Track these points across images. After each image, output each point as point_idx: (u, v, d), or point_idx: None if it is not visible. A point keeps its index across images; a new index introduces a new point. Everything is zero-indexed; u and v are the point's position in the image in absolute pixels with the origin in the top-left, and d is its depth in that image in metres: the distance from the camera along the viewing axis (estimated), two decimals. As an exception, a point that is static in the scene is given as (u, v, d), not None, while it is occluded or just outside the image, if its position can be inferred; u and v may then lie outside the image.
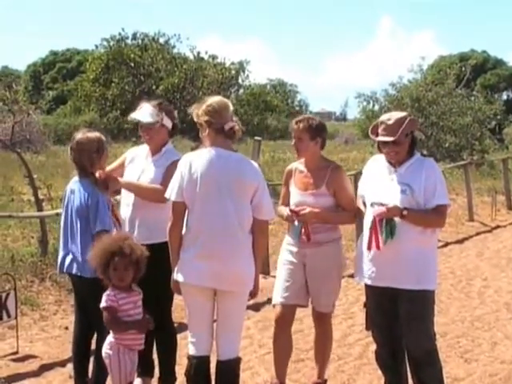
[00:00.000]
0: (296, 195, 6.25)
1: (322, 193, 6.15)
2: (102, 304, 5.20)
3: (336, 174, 6.22)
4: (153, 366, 6.53)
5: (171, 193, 5.38)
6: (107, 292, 5.23)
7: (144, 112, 6.36)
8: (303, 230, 6.09)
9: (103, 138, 6.20)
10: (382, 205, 5.53)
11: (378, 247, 5.60)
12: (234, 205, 5.31)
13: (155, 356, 6.51)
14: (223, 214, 5.29)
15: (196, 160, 5.35)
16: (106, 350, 5.28)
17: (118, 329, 5.21)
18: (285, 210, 6.23)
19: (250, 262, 5.42)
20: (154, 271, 5.64)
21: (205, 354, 5.49)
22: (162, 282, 5.79)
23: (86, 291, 6.04)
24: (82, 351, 6.18)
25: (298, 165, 6.38)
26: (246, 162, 5.51)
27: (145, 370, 6.38)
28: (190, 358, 5.51)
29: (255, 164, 5.56)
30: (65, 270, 6.12)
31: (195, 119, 5.50)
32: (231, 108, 5.50)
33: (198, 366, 5.45)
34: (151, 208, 6.18)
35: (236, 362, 5.48)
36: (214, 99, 5.52)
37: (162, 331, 6.17)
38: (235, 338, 5.53)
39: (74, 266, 6.01)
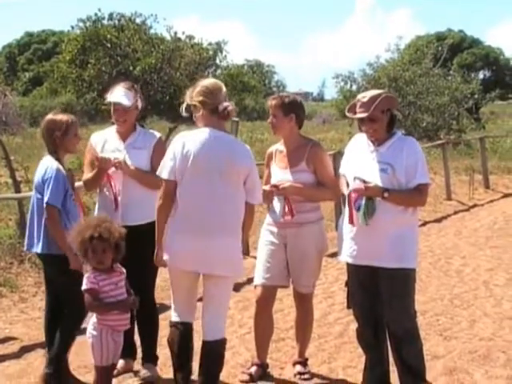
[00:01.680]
0: (277, 173, 6.26)
1: (301, 169, 6.17)
2: (83, 287, 5.20)
3: (315, 150, 6.25)
4: (135, 348, 6.54)
5: (162, 171, 5.38)
6: (87, 274, 5.22)
7: (121, 94, 6.34)
8: (286, 208, 6.09)
9: (73, 121, 6.10)
10: (364, 182, 5.53)
11: (351, 222, 5.63)
12: (225, 186, 5.31)
13: (137, 338, 6.51)
14: (213, 195, 5.30)
15: (189, 140, 5.35)
16: (89, 330, 5.28)
17: (101, 311, 5.21)
18: (265, 187, 6.25)
19: (239, 246, 5.44)
20: (140, 252, 5.74)
21: (188, 321, 5.52)
22: (147, 263, 5.79)
23: (50, 269, 6.09)
24: (54, 330, 6.16)
25: (279, 146, 6.40)
26: (240, 145, 5.54)
27: (127, 351, 6.36)
28: (173, 324, 5.53)
29: (248, 147, 5.56)
30: (31, 249, 6.15)
31: (188, 101, 5.50)
32: (224, 89, 5.50)
33: (181, 331, 5.48)
34: (140, 189, 6.20)
35: (221, 342, 5.48)
36: (208, 80, 5.58)
37: (144, 311, 6.16)
38: (221, 318, 5.52)
39: (35, 243, 6.04)
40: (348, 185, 5.78)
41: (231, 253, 5.38)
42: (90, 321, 5.31)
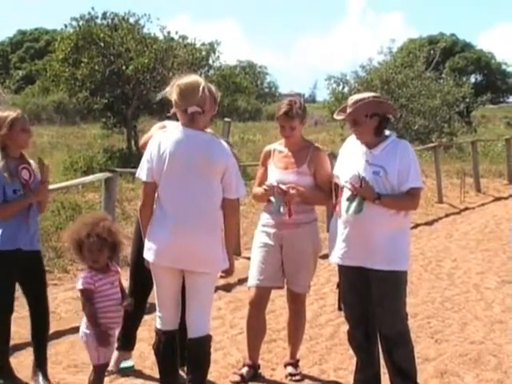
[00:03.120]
0: (276, 174, 6.25)
1: (303, 171, 6.17)
2: (79, 286, 5.19)
3: (317, 153, 6.28)
4: (134, 342, 6.57)
5: (141, 173, 5.36)
6: (83, 274, 5.21)
7: None
8: (285, 207, 6.08)
9: (17, 116, 5.98)
10: (364, 180, 5.53)
11: (334, 208, 5.72)
12: (202, 184, 5.29)
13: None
14: (191, 193, 5.27)
15: (165, 140, 5.33)
16: (82, 329, 5.27)
17: (90, 316, 5.19)
18: (259, 189, 6.25)
19: (219, 242, 5.41)
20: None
21: (172, 328, 5.50)
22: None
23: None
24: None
25: (277, 146, 6.39)
26: (215, 142, 5.46)
27: (126, 344, 6.45)
28: (157, 332, 5.53)
29: (225, 144, 5.52)
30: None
31: (168, 96, 5.46)
32: (200, 90, 5.32)
33: (166, 339, 5.47)
34: None
35: (206, 339, 5.47)
36: (185, 79, 5.44)
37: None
38: (204, 315, 5.50)
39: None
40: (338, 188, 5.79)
41: (211, 249, 5.35)
42: (83, 320, 5.30)
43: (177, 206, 5.29)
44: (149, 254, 5.37)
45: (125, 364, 6.48)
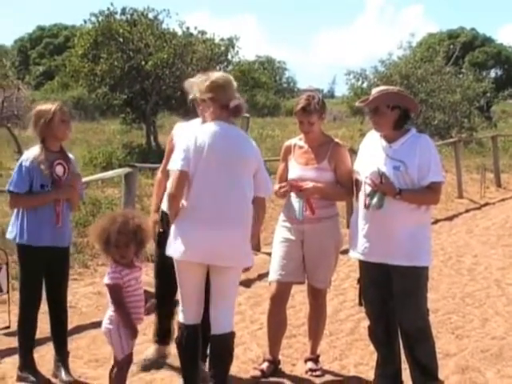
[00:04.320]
0: (296, 170, 6.23)
1: (323, 167, 6.15)
2: (107, 281, 5.21)
3: (338, 149, 6.24)
4: (169, 335, 6.55)
5: (176, 162, 5.29)
6: (110, 269, 5.23)
7: None
8: (306, 206, 6.07)
9: (57, 108, 6.06)
10: (384, 175, 5.51)
11: (366, 206, 5.65)
12: (237, 177, 5.30)
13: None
14: (227, 186, 5.27)
15: (201, 133, 5.29)
16: (105, 324, 5.29)
17: (120, 310, 5.21)
18: (276, 186, 6.24)
19: (249, 238, 5.42)
20: None
21: (195, 323, 5.50)
22: None
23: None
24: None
25: (297, 141, 6.37)
26: (248, 139, 5.52)
27: (162, 338, 6.54)
28: (180, 326, 5.54)
29: (254, 142, 5.55)
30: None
31: (197, 95, 5.44)
32: (235, 84, 5.44)
33: (189, 334, 5.48)
34: None
35: (230, 335, 5.48)
36: (218, 75, 5.48)
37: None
38: (229, 312, 5.52)
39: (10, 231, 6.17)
40: (360, 182, 5.77)
41: (242, 244, 5.36)
42: (106, 314, 5.32)
43: (212, 198, 5.25)
44: (177, 251, 5.32)
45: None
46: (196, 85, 5.44)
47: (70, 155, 6.27)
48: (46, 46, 70.60)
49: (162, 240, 5.98)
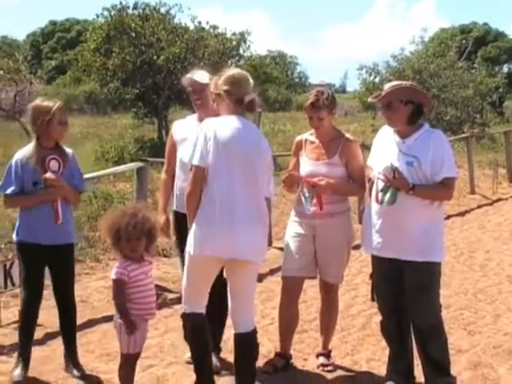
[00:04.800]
0: (308, 165, 6.21)
1: (334, 162, 6.12)
2: (112, 276, 5.21)
3: (349, 144, 6.20)
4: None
5: (194, 157, 5.23)
6: (117, 264, 5.23)
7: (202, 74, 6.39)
8: (315, 200, 6.06)
9: (57, 108, 5.90)
10: (397, 170, 5.49)
11: (377, 201, 5.65)
12: (255, 173, 5.29)
13: None
14: (247, 181, 5.25)
15: (220, 127, 5.24)
16: (116, 318, 5.29)
17: (120, 306, 5.21)
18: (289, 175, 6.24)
19: (266, 233, 5.43)
20: None
21: (201, 311, 5.46)
22: None
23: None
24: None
25: (308, 136, 6.35)
26: (262, 136, 5.53)
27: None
28: (187, 316, 5.49)
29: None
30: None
31: (212, 89, 5.45)
32: (251, 80, 5.45)
33: (197, 321, 5.45)
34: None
35: (254, 332, 5.48)
36: (235, 70, 5.52)
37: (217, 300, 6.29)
38: (251, 309, 5.53)
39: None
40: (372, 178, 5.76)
41: (261, 238, 5.37)
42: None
43: (232, 193, 5.21)
44: (199, 246, 5.24)
45: None
46: (213, 80, 5.48)
47: (69, 150, 6.16)
48: (59, 41, 70.67)
49: (181, 238, 5.99)
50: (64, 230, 6.03)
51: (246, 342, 5.43)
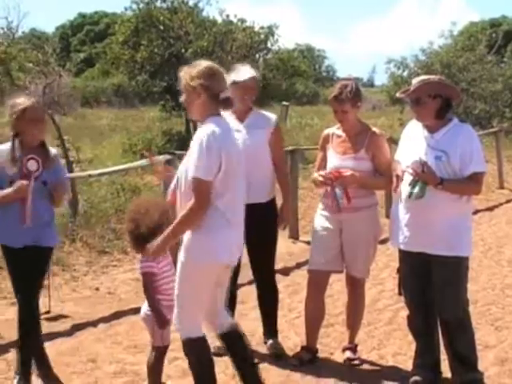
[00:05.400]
0: (334, 159, 6.20)
1: (361, 156, 6.10)
2: (143, 270, 5.22)
3: (375, 138, 6.18)
4: None
5: (201, 171, 4.81)
6: (144, 257, 5.23)
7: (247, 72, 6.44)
8: (343, 195, 6.04)
9: (29, 106, 5.61)
10: (426, 164, 5.46)
11: (395, 190, 5.70)
12: (243, 178, 5.14)
13: None
14: (242, 188, 5.11)
15: (217, 135, 4.85)
16: (145, 311, 5.31)
17: (153, 297, 5.22)
18: (316, 175, 6.21)
19: None
20: (263, 230, 6.28)
21: (204, 334, 5.18)
22: (271, 240, 6.48)
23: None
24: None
25: (335, 130, 6.33)
26: None
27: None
28: (196, 340, 5.07)
29: None
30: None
31: (188, 82, 4.96)
32: (227, 78, 5.12)
33: (205, 345, 5.15)
34: (262, 169, 6.34)
35: (237, 325, 5.47)
36: (209, 62, 5.07)
37: (268, 289, 6.69)
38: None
39: None
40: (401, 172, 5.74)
41: None
42: (146, 301, 5.33)
43: (236, 202, 5.01)
44: (206, 254, 4.93)
45: None
46: (184, 71, 5.02)
47: (53, 150, 5.92)
48: (87, 33, 70.93)
49: None
50: (39, 232, 5.67)
51: (238, 336, 5.34)
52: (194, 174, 4.82)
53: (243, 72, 6.42)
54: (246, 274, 6.86)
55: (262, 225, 6.33)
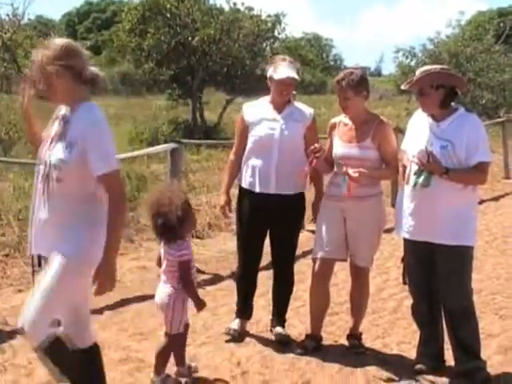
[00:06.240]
0: (340, 147, 6.20)
1: (367, 145, 6.10)
2: (182, 258, 5.29)
3: (382, 127, 6.17)
4: (251, 310, 6.80)
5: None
6: (176, 246, 5.29)
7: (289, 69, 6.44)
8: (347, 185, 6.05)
9: None
10: (432, 154, 5.48)
11: (407, 182, 5.69)
12: None
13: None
14: None
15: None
16: (165, 300, 5.35)
17: (192, 285, 5.35)
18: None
19: None
20: (287, 223, 6.41)
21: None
22: (294, 233, 6.53)
23: None
24: None
25: (343, 118, 6.33)
26: None
27: (244, 312, 6.74)
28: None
29: None
30: None
31: (46, 65, 4.31)
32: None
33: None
34: (293, 161, 6.33)
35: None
36: (65, 40, 4.49)
37: (285, 282, 6.75)
38: None
39: None
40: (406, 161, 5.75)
41: None
42: (163, 289, 5.40)
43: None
44: None
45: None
46: (38, 53, 4.36)
47: None
48: (94, 21, 71.01)
49: (242, 215, 6.49)
50: None
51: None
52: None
53: (281, 70, 6.38)
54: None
55: (288, 217, 6.42)
